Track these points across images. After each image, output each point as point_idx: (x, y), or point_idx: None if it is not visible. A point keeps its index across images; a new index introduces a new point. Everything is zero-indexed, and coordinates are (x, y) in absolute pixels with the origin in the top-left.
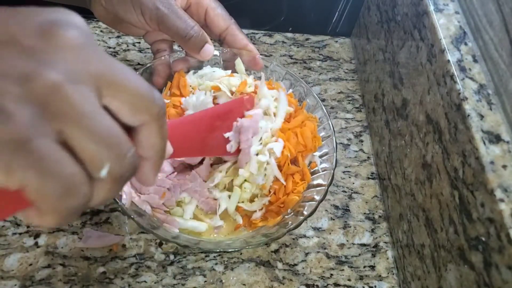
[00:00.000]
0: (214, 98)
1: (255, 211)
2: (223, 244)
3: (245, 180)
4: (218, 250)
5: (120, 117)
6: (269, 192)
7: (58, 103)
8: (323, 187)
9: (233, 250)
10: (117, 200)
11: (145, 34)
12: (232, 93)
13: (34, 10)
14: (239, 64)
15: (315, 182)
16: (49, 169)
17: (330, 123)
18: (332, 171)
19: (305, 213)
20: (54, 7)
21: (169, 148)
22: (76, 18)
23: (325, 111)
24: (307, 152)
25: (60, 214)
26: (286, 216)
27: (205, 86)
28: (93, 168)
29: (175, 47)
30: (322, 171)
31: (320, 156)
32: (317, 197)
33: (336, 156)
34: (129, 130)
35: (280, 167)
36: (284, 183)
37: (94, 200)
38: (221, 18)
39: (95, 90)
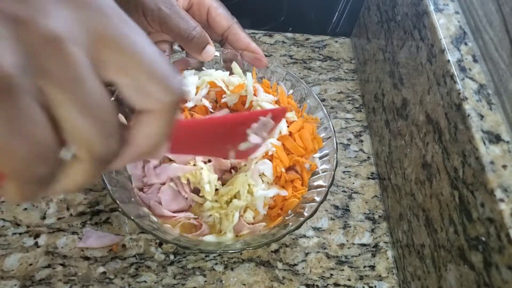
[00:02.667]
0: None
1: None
2: (223, 245)
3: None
4: (218, 251)
5: (125, 96)
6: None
7: (50, 59)
8: (324, 188)
9: (233, 251)
10: (117, 201)
11: (147, 35)
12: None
13: None
14: (235, 67)
15: (315, 183)
16: (22, 127)
17: (331, 124)
18: (332, 172)
19: (306, 214)
20: None
21: (165, 147)
22: None
23: (326, 112)
24: (307, 155)
25: (26, 183)
26: (286, 218)
27: (201, 81)
28: (70, 139)
29: (175, 47)
30: (323, 172)
31: (321, 157)
32: (318, 198)
33: (336, 157)
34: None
35: (277, 178)
36: (286, 193)
37: (69, 180)
38: (223, 17)
39: (98, 57)
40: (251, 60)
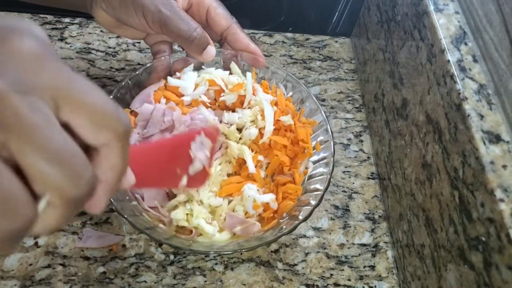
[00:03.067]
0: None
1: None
2: (216, 246)
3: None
4: (210, 253)
5: (81, 135)
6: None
7: (5, 114)
8: (320, 192)
9: (225, 253)
10: (111, 199)
11: (146, 37)
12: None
13: None
14: (234, 67)
15: (311, 187)
16: None
17: (329, 128)
18: (328, 176)
19: (300, 217)
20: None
21: (131, 177)
22: (35, 28)
23: (324, 116)
24: (303, 157)
25: None
26: (281, 220)
27: (201, 78)
28: (40, 189)
29: (175, 47)
30: (319, 175)
31: (318, 161)
32: (313, 202)
33: (333, 162)
34: (89, 150)
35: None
36: (275, 206)
37: (43, 225)
38: (222, 17)
39: (51, 103)
40: (250, 60)
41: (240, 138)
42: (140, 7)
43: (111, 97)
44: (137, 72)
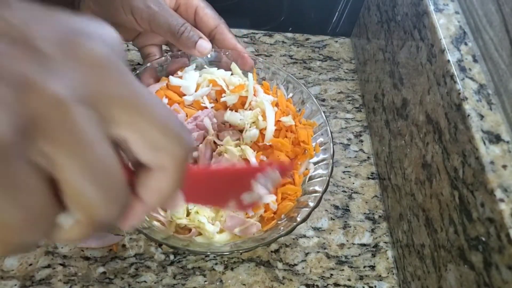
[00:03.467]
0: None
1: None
2: (213, 247)
3: None
4: (208, 253)
5: (135, 153)
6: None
7: (53, 121)
8: (318, 194)
9: (222, 254)
10: None
11: (135, 38)
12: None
13: (65, 14)
14: (235, 68)
15: (310, 188)
16: (14, 194)
17: (329, 130)
18: (327, 178)
19: (298, 219)
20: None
21: (179, 201)
22: (107, 30)
23: (325, 118)
24: (303, 159)
25: (9, 246)
26: (279, 222)
27: (202, 78)
28: (72, 207)
29: (165, 47)
30: (318, 177)
31: (318, 162)
32: (311, 204)
33: (332, 164)
34: (137, 164)
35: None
36: (275, 207)
37: (63, 236)
38: (210, 17)
39: (106, 116)
40: (237, 60)
41: (238, 139)
42: (128, 4)
43: None
44: (137, 72)
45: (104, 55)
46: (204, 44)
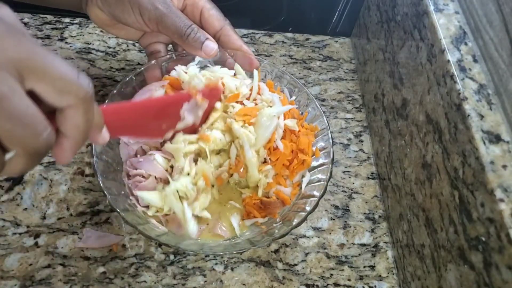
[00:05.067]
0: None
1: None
2: (206, 246)
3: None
4: (199, 252)
5: (45, 99)
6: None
7: None
8: (315, 198)
9: (214, 254)
10: (106, 193)
11: (141, 37)
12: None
13: None
14: (238, 68)
15: (309, 192)
16: None
17: (330, 135)
18: (325, 182)
19: (294, 222)
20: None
21: (105, 135)
22: (4, 11)
23: (327, 123)
24: (300, 169)
25: None
26: (274, 225)
27: (202, 74)
28: (7, 144)
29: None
30: (317, 181)
31: (317, 167)
32: (308, 208)
33: (331, 169)
34: (54, 110)
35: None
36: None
37: (10, 170)
38: (215, 18)
39: (15, 74)
40: (243, 61)
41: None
42: (136, 5)
43: (115, 91)
44: (142, 69)
45: (4, 25)
46: (211, 46)
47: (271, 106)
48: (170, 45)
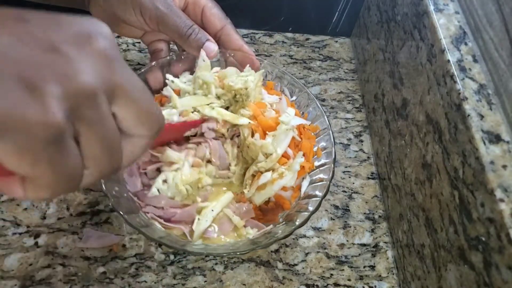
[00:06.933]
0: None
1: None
2: (209, 248)
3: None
4: (205, 254)
5: (123, 124)
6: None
7: (87, 109)
8: (318, 198)
9: (218, 255)
10: (109, 195)
11: (143, 35)
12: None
13: (70, 19)
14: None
15: (310, 192)
16: (62, 163)
17: (332, 135)
18: (328, 182)
19: (297, 222)
20: (56, 9)
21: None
22: (105, 29)
23: (328, 123)
24: (301, 174)
25: (54, 193)
26: (277, 225)
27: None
28: (88, 164)
29: (172, 46)
30: (319, 182)
31: (319, 166)
32: (311, 208)
33: (333, 169)
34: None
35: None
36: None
37: (82, 185)
38: (217, 17)
39: (110, 96)
40: (243, 61)
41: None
42: (137, 5)
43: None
44: (142, 70)
45: (109, 49)
46: (211, 47)
47: (274, 110)
48: (172, 43)
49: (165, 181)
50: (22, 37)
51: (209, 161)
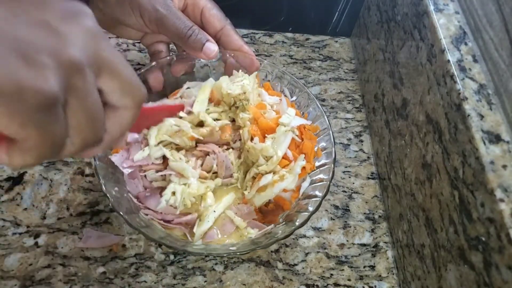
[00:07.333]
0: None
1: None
2: (209, 248)
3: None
4: (205, 254)
5: (109, 96)
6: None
7: (77, 80)
8: (318, 198)
9: (219, 255)
10: (108, 196)
11: (142, 37)
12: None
13: (57, 0)
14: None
15: (311, 193)
16: (49, 128)
17: (332, 136)
18: (328, 182)
19: (297, 223)
20: None
21: (127, 138)
22: (89, 10)
23: (328, 123)
24: (302, 174)
25: (38, 157)
26: (277, 225)
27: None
28: (74, 134)
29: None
30: (319, 182)
31: (319, 167)
32: (311, 208)
33: (333, 169)
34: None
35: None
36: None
37: (64, 153)
38: (216, 18)
39: (96, 71)
40: (244, 62)
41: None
42: (137, 6)
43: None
44: (142, 70)
45: (94, 26)
46: (211, 47)
47: (274, 110)
48: (172, 44)
49: (173, 193)
50: (16, 12)
51: (214, 172)
